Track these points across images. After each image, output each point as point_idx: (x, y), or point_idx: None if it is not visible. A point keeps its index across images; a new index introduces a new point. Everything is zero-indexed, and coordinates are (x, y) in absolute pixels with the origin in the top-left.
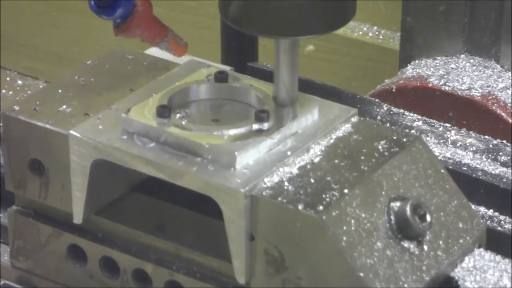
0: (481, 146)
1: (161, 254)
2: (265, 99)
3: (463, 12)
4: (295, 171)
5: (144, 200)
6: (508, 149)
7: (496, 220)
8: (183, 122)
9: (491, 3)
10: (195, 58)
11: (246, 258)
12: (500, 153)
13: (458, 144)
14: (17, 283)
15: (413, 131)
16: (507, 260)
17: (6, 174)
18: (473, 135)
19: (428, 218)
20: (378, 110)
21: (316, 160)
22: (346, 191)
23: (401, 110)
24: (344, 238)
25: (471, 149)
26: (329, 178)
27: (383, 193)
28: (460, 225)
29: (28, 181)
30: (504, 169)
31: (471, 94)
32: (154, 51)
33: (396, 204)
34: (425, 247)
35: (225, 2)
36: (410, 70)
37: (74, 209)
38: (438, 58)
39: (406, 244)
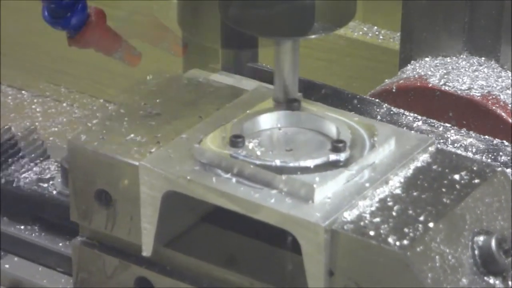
0: (481, 146)
1: None
2: (342, 128)
3: (463, 12)
4: (375, 204)
5: (214, 231)
6: (508, 149)
7: None
8: (258, 153)
9: (491, 3)
10: (264, 84)
11: None
12: (500, 153)
13: (458, 144)
14: None
15: (413, 132)
16: None
17: (71, 205)
18: (473, 135)
19: None
20: (378, 110)
21: (396, 192)
22: (430, 225)
23: (401, 110)
24: (429, 275)
25: (471, 149)
26: (411, 212)
27: (467, 227)
28: None
29: (94, 212)
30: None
31: (471, 94)
32: (217, 77)
33: (480, 239)
34: (511, 283)
35: (225, 2)
36: (410, 70)
37: (143, 241)
38: (438, 58)
39: (491, 280)
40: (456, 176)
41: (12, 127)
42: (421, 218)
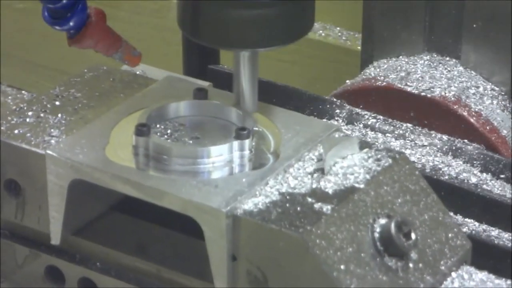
0: (442, 145)
1: (141, 275)
2: (246, 116)
3: (423, 12)
4: (276, 190)
5: (123, 220)
6: (470, 148)
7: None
8: (162, 141)
9: (452, 3)
10: (173, 74)
11: (228, 279)
12: (462, 153)
13: (419, 144)
14: None
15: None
16: (492, 277)
17: None
18: (433, 134)
19: (413, 236)
20: (339, 111)
21: (298, 178)
22: (329, 209)
23: (363, 111)
24: (328, 258)
25: (433, 148)
26: (310, 197)
27: (368, 210)
28: (446, 242)
29: (4, 202)
30: (465, 166)
31: (432, 94)
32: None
33: (380, 222)
34: (410, 265)
35: (183, 14)
36: (371, 70)
37: (51, 230)
38: (400, 58)
39: (391, 262)
40: (358, 162)
41: None
42: (320, 203)
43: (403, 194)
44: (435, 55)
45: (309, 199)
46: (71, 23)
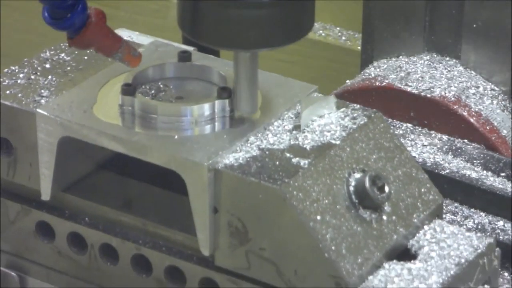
0: (442, 145)
1: (127, 229)
2: (228, 77)
3: (423, 12)
4: (257, 145)
5: (111, 178)
6: (470, 147)
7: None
8: (147, 99)
9: (452, 3)
10: (159, 39)
11: (210, 231)
12: (462, 152)
13: (419, 144)
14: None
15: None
16: (463, 230)
17: None
18: (433, 134)
19: (387, 189)
20: None
21: (278, 135)
22: (306, 164)
23: None
24: (305, 209)
25: (433, 148)
26: (289, 152)
27: (343, 165)
28: (418, 197)
29: None
30: (466, 164)
31: (432, 94)
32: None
33: (355, 176)
34: (384, 217)
35: (183, 14)
36: (371, 71)
37: (41, 187)
38: (400, 58)
39: (365, 214)
40: (335, 119)
41: None
42: (298, 158)
43: (377, 151)
44: (435, 55)
45: (287, 154)
46: (71, 24)
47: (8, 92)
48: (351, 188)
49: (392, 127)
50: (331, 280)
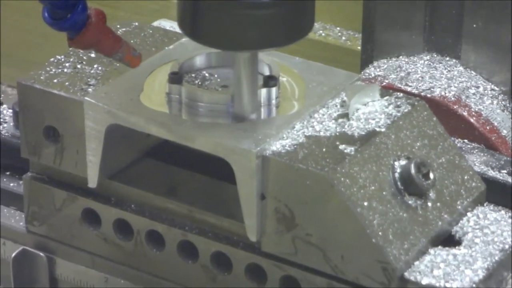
0: None
1: (173, 216)
2: (273, 66)
3: (423, 12)
4: (303, 134)
5: (156, 165)
6: (470, 147)
7: None
8: (194, 88)
9: (452, 3)
10: None
11: (257, 217)
12: (462, 152)
13: None
14: (35, 248)
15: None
16: (506, 216)
17: (21, 142)
18: None
19: (432, 176)
20: None
21: (323, 123)
22: (352, 150)
23: None
24: (352, 195)
25: None
26: (335, 140)
27: (388, 152)
28: (462, 184)
29: (43, 148)
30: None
31: (432, 94)
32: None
33: (401, 163)
34: (429, 204)
35: (182, 15)
36: (371, 71)
37: (88, 174)
38: (400, 58)
39: (411, 201)
40: (379, 108)
41: None
42: (344, 145)
43: (421, 138)
44: (435, 55)
45: (334, 142)
46: (71, 24)
47: (55, 81)
48: (397, 175)
49: (434, 116)
50: (378, 265)
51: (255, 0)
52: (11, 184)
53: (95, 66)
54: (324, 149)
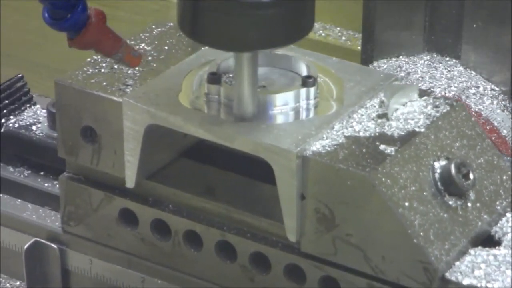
0: None
1: (212, 216)
2: (311, 66)
3: (423, 12)
4: (342, 134)
5: (192, 166)
6: None
7: None
8: (233, 88)
9: (452, 3)
10: None
11: (297, 217)
12: None
13: None
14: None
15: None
16: None
17: (58, 142)
18: None
19: (471, 176)
20: None
21: (362, 123)
22: (393, 151)
23: None
24: (393, 195)
25: None
26: (375, 140)
27: (428, 153)
28: (501, 184)
29: (80, 148)
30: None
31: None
32: None
33: (441, 163)
34: (469, 204)
35: (182, 15)
36: None
37: (126, 174)
38: (400, 58)
39: (451, 201)
40: (418, 108)
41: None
42: (385, 146)
43: (460, 139)
44: (435, 55)
45: (374, 142)
46: (71, 24)
47: (92, 81)
48: (437, 175)
49: (472, 117)
50: (419, 266)
51: (255, 0)
52: (46, 184)
53: None
54: (364, 150)
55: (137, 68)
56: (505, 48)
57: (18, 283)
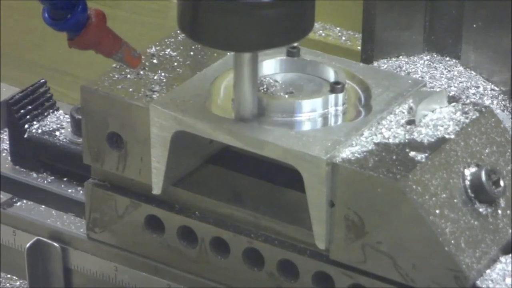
0: None
1: (239, 223)
2: (339, 72)
3: (423, 12)
4: (372, 141)
5: (219, 172)
6: None
7: None
8: (261, 94)
9: (452, 3)
10: None
11: (326, 224)
12: None
13: None
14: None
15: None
16: None
17: (84, 148)
18: None
19: (502, 183)
20: None
21: (391, 130)
22: (423, 158)
23: None
24: (424, 203)
25: None
26: (405, 147)
27: (458, 159)
28: None
29: (106, 154)
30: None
31: None
32: None
33: (471, 170)
34: (499, 212)
35: (182, 15)
36: None
37: (153, 181)
38: (400, 58)
39: (481, 208)
40: (447, 114)
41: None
42: (415, 153)
43: (490, 145)
44: (435, 55)
45: (404, 149)
46: (71, 24)
47: (119, 87)
48: (467, 183)
49: (501, 123)
50: (450, 274)
51: (256, 1)
52: (69, 190)
53: (158, 72)
54: (394, 156)
55: (163, 74)
56: (505, 48)
57: (18, 283)
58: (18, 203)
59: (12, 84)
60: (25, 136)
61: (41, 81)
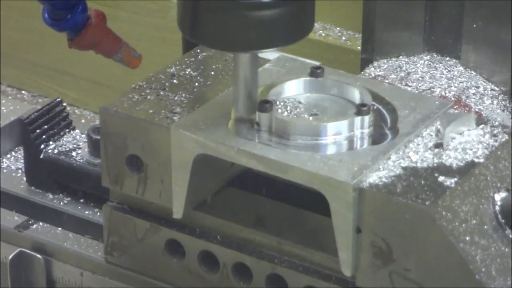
0: None
1: (262, 248)
2: (364, 93)
3: (423, 12)
4: (399, 165)
5: (240, 195)
6: None
7: None
8: (285, 116)
9: (452, 3)
10: (285, 54)
11: (353, 251)
12: None
13: None
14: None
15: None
16: None
17: (103, 170)
18: None
19: None
20: None
21: (419, 153)
22: (453, 183)
23: None
24: (454, 230)
25: None
26: (433, 171)
27: (488, 184)
28: None
29: (125, 177)
30: None
31: (432, 94)
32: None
33: (501, 195)
34: None
35: (182, 15)
36: (371, 71)
37: (174, 204)
38: (400, 58)
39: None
40: (476, 137)
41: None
42: (444, 177)
43: None
44: (435, 55)
45: (432, 173)
46: (71, 25)
47: (138, 108)
48: (497, 208)
49: None
50: None
51: (256, 1)
52: (86, 212)
53: (179, 92)
54: (422, 181)
55: (183, 94)
56: (505, 48)
57: None
58: (34, 225)
59: (12, 84)
60: (41, 156)
61: (57, 100)
